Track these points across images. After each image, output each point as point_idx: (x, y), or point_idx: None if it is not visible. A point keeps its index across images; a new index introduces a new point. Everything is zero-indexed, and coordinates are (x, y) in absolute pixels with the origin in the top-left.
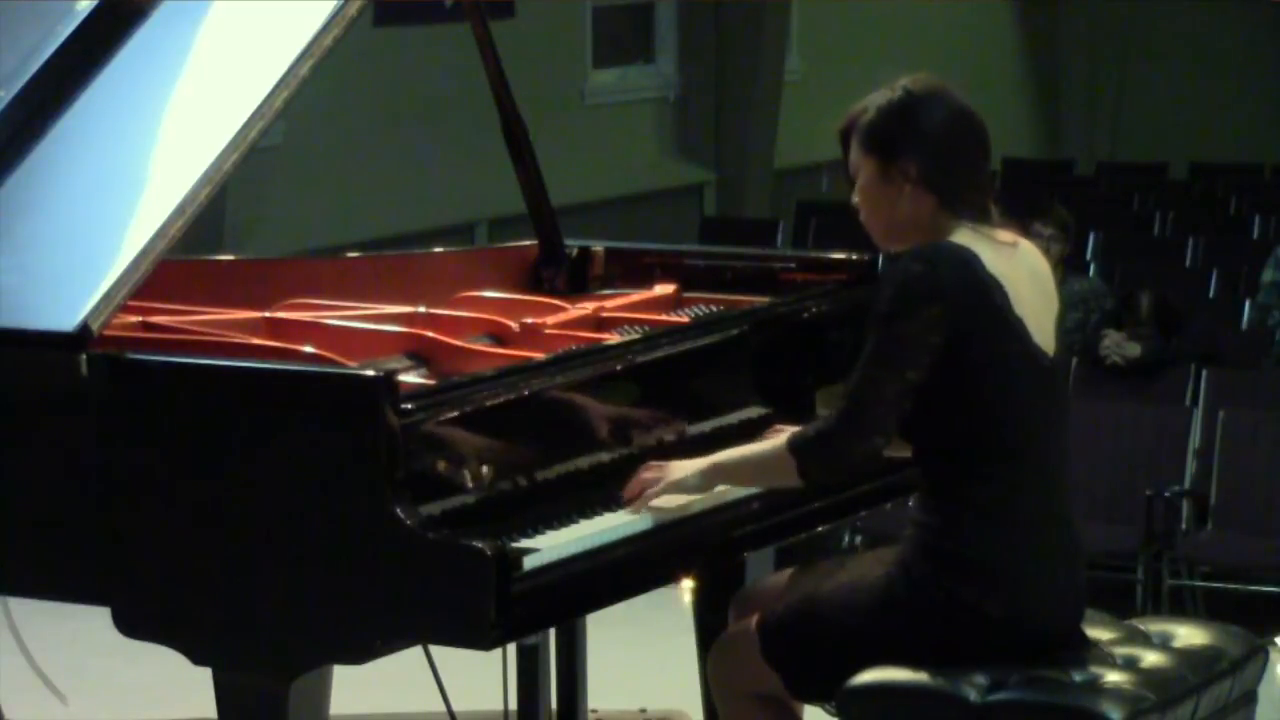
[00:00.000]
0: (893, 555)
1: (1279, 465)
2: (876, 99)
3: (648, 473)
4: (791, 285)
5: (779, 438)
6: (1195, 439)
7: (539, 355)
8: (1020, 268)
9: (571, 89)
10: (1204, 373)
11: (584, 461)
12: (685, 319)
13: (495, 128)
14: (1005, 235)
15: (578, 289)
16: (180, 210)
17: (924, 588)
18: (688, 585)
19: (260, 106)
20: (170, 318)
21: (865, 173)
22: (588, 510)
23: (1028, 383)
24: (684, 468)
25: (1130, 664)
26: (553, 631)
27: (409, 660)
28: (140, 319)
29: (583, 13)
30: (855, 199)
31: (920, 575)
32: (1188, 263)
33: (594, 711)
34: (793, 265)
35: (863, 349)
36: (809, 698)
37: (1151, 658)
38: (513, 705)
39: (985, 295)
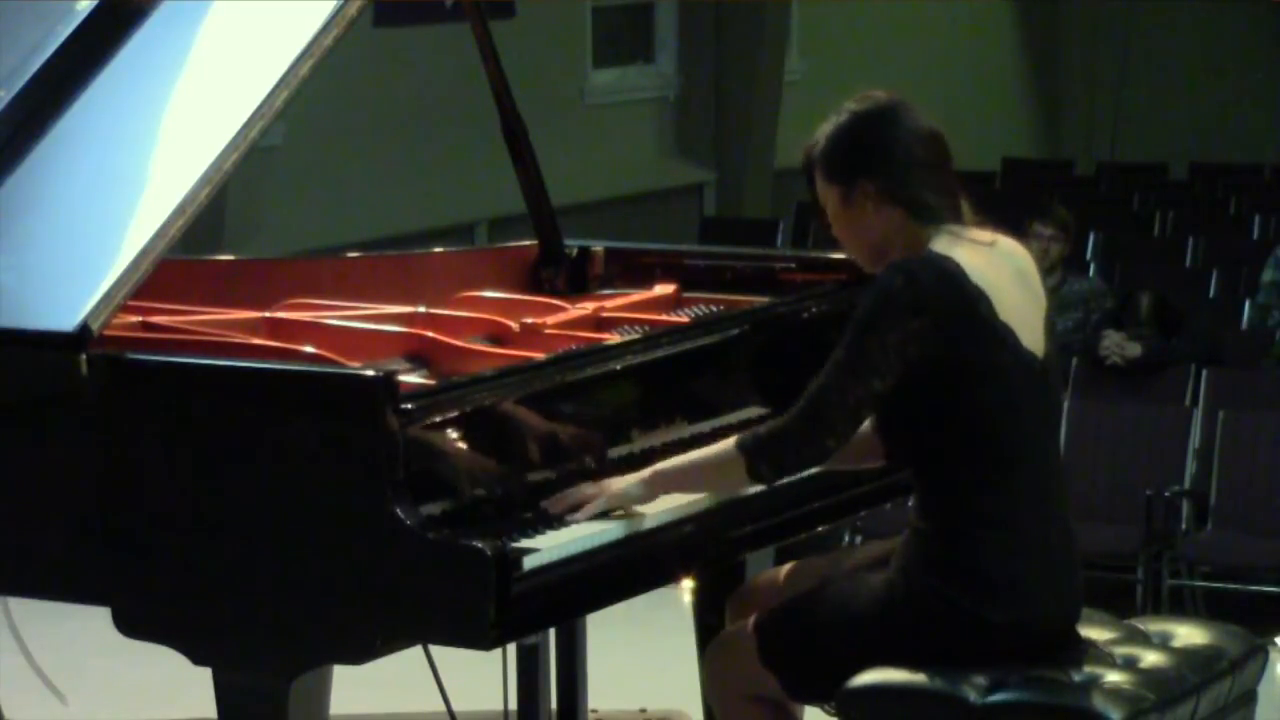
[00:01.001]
0: (889, 556)
1: (1279, 465)
2: (825, 129)
3: (588, 488)
4: (791, 285)
5: (727, 440)
6: (1195, 439)
7: (539, 355)
8: (1003, 269)
9: (571, 89)
10: (1204, 373)
11: (584, 461)
12: (685, 319)
13: (495, 128)
14: (982, 234)
15: (578, 289)
16: (180, 210)
17: (923, 594)
18: (688, 585)
19: (260, 106)
20: (170, 318)
21: (831, 202)
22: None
23: (1020, 389)
24: (623, 480)
25: (1130, 664)
26: (553, 631)
27: (409, 660)
28: (140, 319)
29: (583, 13)
30: (833, 231)
31: (919, 582)
32: (1188, 263)
33: (594, 711)
34: (793, 265)
35: (833, 353)
36: (807, 699)
37: (1151, 658)
38: (513, 705)
39: (970, 307)
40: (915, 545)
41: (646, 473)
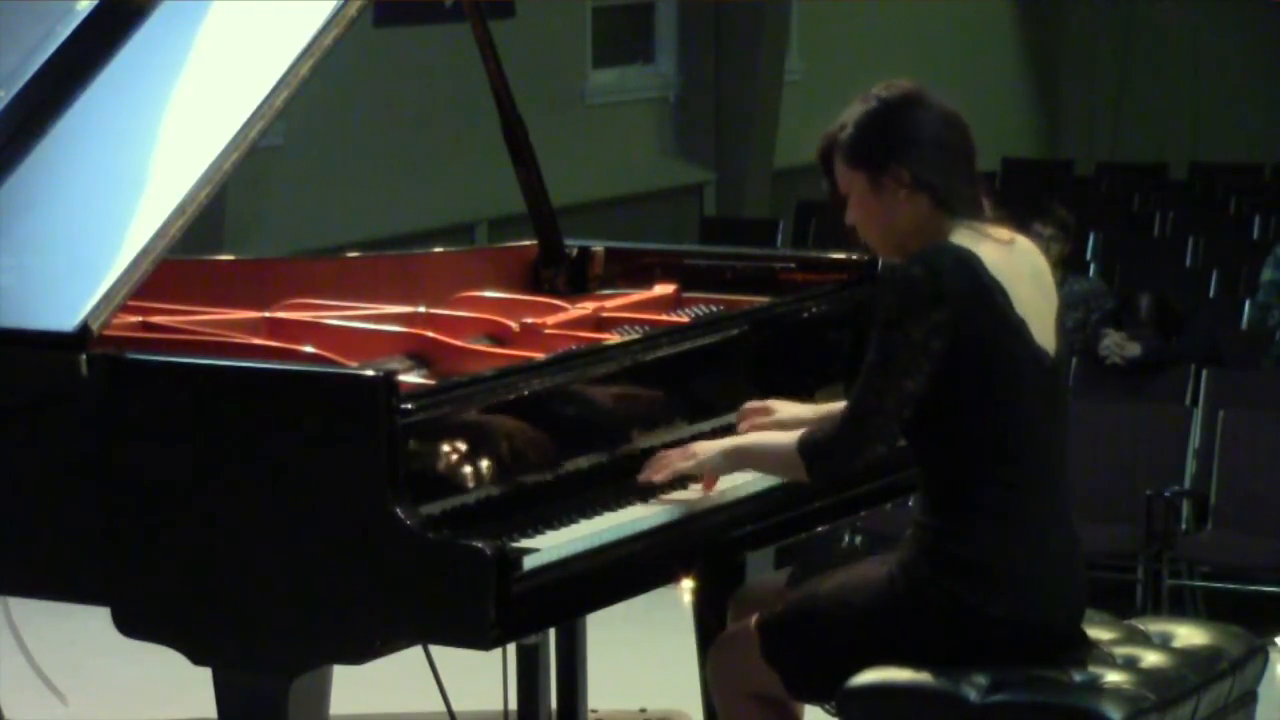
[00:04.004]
0: (893, 555)
1: (1279, 465)
2: (853, 114)
3: (674, 453)
4: (791, 285)
5: (793, 435)
6: (1195, 439)
7: (539, 355)
8: (1020, 266)
9: (571, 89)
10: (1204, 373)
11: (584, 461)
12: (685, 319)
13: (495, 128)
14: (1002, 232)
15: (578, 289)
16: (180, 210)
17: (925, 589)
18: (688, 585)
19: (260, 106)
20: (170, 318)
21: (856, 188)
22: (588, 510)
23: (1030, 384)
24: (710, 449)
25: (1130, 664)
26: (553, 631)
27: (409, 660)
28: (140, 319)
29: (583, 13)
30: (849, 219)
31: (922, 576)
32: (1188, 263)
33: (594, 711)
34: (793, 265)
35: (867, 355)
36: (808, 697)
37: (1151, 658)
38: (513, 705)
39: (987, 297)
40: (918, 539)
41: (728, 446)
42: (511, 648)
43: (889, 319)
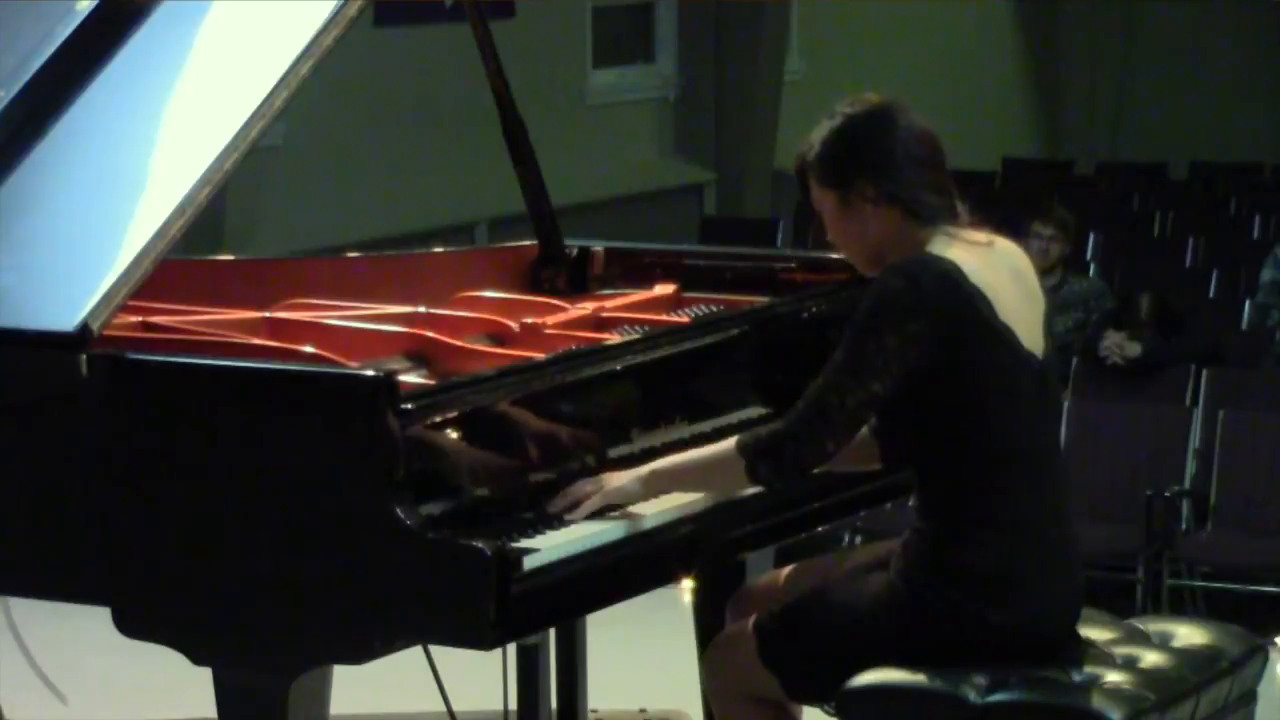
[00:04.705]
0: (889, 556)
1: (1279, 465)
2: (819, 132)
3: (587, 485)
4: (791, 285)
5: (727, 440)
6: (1195, 439)
7: (539, 355)
8: (1000, 270)
9: (571, 89)
10: (1204, 373)
11: (584, 461)
12: (685, 319)
13: (495, 128)
14: (978, 235)
15: (578, 289)
16: (180, 210)
17: (925, 595)
18: (688, 585)
19: (260, 106)
20: (170, 318)
21: (828, 206)
22: None
23: (1021, 389)
24: (621, 477)
25: (1130, 664)
26: (553, 631)
27: (409, 660)
28: (140, 319)
29: (583, 13)
30: (829, 235)
31: (921, 583)
32: (1188, 263)
33: (594, 711)
34: (793, 265)
35: (831, 356)
36: (807, 699)
37: (1151, 658)
38: (513, 705)
39: (970, 307)
40: (916, 545)
41: (644, 471)
42: (511, 648)
43: (863, 325)
